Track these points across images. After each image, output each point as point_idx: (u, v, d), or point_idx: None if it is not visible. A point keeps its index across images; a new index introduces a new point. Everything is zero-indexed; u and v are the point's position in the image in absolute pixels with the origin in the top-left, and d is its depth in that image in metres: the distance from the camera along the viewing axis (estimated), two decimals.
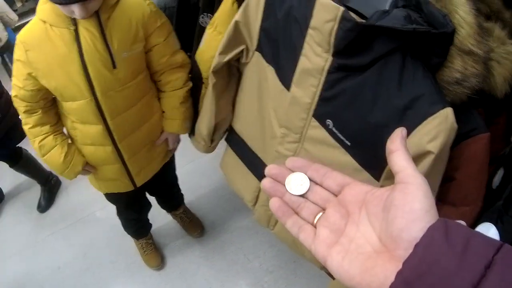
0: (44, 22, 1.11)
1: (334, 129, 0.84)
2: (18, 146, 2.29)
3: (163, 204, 2.03)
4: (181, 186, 2.01)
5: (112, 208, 1.81)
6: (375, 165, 0.82)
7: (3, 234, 2.47)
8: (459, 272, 0.27)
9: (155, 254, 2.05)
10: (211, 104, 1.14)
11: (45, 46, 1.12)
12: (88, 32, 1.10)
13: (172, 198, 2.03)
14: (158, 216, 2.09)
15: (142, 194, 1.77)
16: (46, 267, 2.18)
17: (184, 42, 1.77)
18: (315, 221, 0.41)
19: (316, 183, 0.43)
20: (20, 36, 1.15)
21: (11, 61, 3.26)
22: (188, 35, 1.69)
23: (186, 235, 2.12)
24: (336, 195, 0.42)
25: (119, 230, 1.97)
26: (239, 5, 1.19)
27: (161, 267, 2.04)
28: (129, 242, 2.07)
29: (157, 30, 1.23)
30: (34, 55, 1.13)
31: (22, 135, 1.98)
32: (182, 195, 2.06)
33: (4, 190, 2.69)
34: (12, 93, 1.23)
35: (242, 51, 1.04)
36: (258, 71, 1.01)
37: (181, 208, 2.09)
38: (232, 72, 1.13)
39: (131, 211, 1.83)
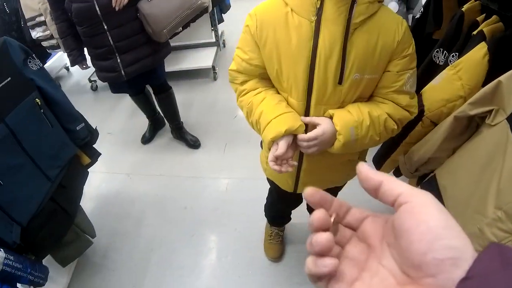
0: (286, 4, 1.00)
1: None
2: (168, 86, 2.64)
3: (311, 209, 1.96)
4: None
5: (235, 183, 1.98)
6: None
7: (148, 155, 2.90)
8: None
9: (278, 247, 2.00)
10: (437, 140, 1.13)
11: (278, 30, 1.02)
12: (330, 34, 0.96)
13: None
14: (301, 213, 1.91)
15: (300, 195, 1.59)
16: (160, 198, 2.49)
17: None
18: None
19: (337, 221, 0.39)
20: (257, 10, 1.07)
21: (216, 13, 3.62)
22: None
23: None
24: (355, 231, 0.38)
25: (243, 206, 2.16)
26: (490, 58, 1.15)
27: (276, 260, 1.99)
28: (251, 219, 2.21)
29: (398, 59, 1.02)
30: (265, 33, 1.04)
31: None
32: None
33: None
34: (232, 66, 1.17)
35: (491, 111, 1.01)
36: (498, 141, 0.97)
37: None
38: (470, 125, 1.09)
39: (282, 202, 1.77)
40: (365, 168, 0.35)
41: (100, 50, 2.17)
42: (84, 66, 2.41)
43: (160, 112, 2.85)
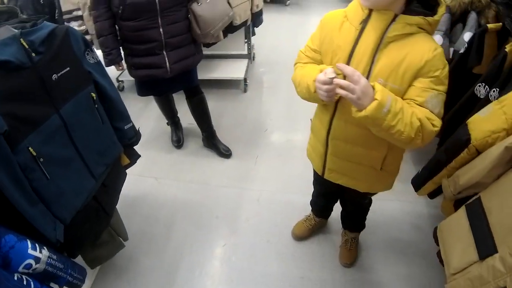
0: (345, 14, 1.34)
1: None
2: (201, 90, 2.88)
3: (343, 216, 2.23)
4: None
5: (267, 195, 2.38)
6: None
7: (177, 161, 3.10)
8: None
9: (305, 231, 2.35)
10: (486, 167, 1.33)
11: (334, 33, 1.35)
12: (366, 41, 1.25)
13: (351, 219, 2.22)
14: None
15: (334, 188, 1.86)
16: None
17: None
18: None
19: None
20: (325, 15, 1.44)
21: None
22: (451, 94, 1.91)
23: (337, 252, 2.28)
24: None
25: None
26: None
27: (296, 239, 2.34)
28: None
29: (424, 77, 1.23)
30: (324, 34, 1.40)
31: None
32: (363, 225, 2.23)
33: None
34: (301, 49, 1.55)
35: None
36: None
37: (353, 234, 2.24)
38: None
39: (319, 187, 2.12)
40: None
41: (149, 45, 2.35)
42: (120, 68, 2.56)
43: (194, 118, 3.05)
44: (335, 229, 2.39)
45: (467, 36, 2.04)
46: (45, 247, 1.29)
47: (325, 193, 2.13)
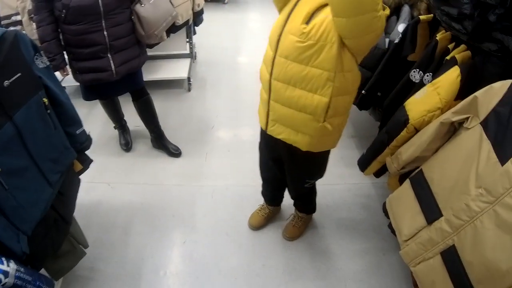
0: None
1: None
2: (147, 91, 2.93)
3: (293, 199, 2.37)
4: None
5: (220, 190, 2.51)
6: None
7: (127, 164, 3.12)
8: None
9: (260, 220, 2.49)
10: (425, 142, 1.54)
11: None
12: None
13: (299, 201, 2.38)
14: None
15: (278, 158, 2.01)
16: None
17: (383, 84, 2.20)
18: None
19: None
20: None
21: None
22: (389, 81, 2.16)
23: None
24: None
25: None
26: (461, 79, 1.60)
27: (252, 228, 2.49)
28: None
29: None
30: None
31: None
32: (313, 209, 2.42)
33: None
34: None
35: (467, 118, 1.39)
36: (474, 139, 1.34)
37: (302, 214, 2.41)
38: (450, 129, 1.49)
39: (265, 154, 2.14)
40: None
41: (93, 48, 2.35)
42: (65, 73, 2.52)
43: (141, 119, 3.08)
44: (290, 215, 2.54)
45: (401, 27, 2.26)
46: (11, 260, 1.28)
47: (270, 168, 2.19)
